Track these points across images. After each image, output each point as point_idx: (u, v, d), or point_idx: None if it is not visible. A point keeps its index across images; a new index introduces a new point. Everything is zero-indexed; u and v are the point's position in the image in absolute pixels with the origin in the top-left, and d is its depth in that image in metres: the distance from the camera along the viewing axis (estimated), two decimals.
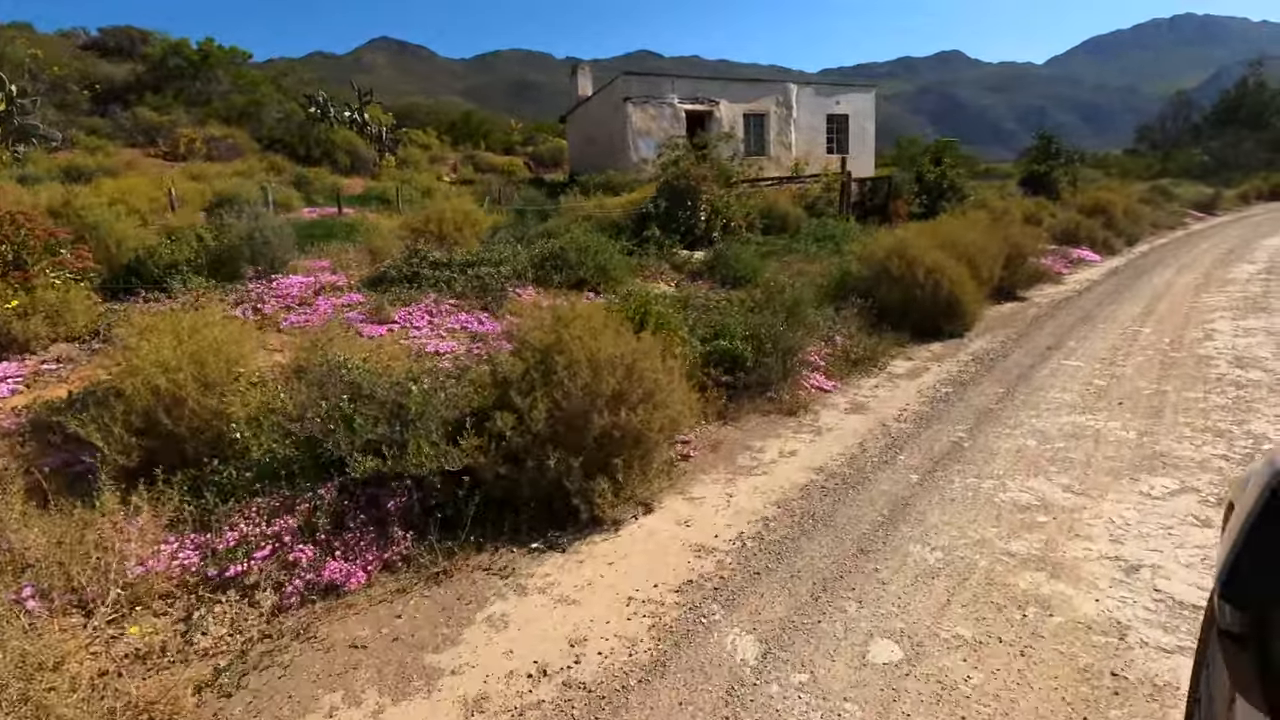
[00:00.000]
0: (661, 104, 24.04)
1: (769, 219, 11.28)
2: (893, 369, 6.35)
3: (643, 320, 5.10)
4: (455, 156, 31.69)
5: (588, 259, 7.52)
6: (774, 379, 5.35)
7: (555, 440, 3.44)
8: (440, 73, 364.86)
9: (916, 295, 7.32)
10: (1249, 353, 6.32)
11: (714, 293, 7.81)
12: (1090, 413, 4.94)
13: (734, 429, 4.85)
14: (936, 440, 4.54)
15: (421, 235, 10.27)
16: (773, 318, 5.77)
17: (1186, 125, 43.11)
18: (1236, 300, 8.79)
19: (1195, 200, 24.00)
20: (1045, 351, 6.75)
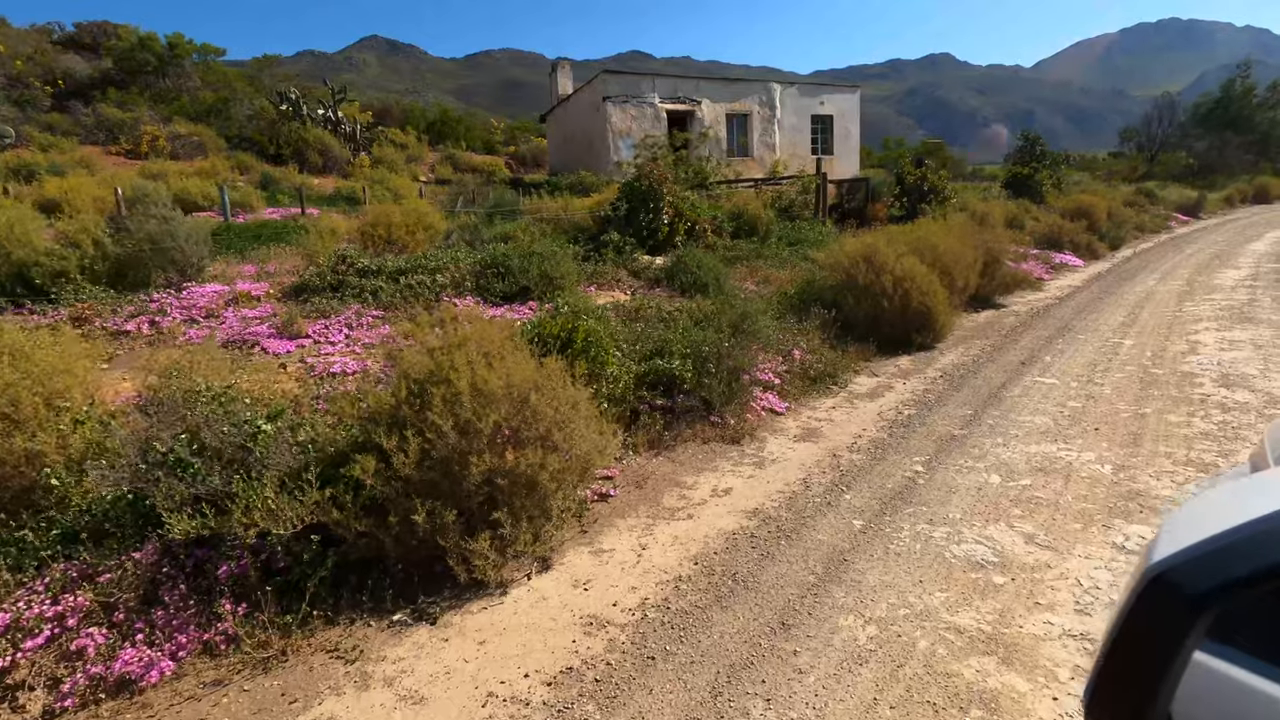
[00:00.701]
0: (642, 103, 23.56)
1: (739, 222, 10.78)
2: (854, 387, 5.86)
3: (569, 338, 4.58)
4: (433, 156, 31.06)
5: (532, 266, 6.99)
6: (717, 402, 4.85)
7: (429, 488, 2.92)
8: (431, 71, 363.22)
9: (884, 306, 6.84)
10: (1235, 369, 5.88)
11: (671, 302, 7.31)
12: (1063, 440, 4.47)
13: (667, 460, 4.34)
14: (890, 475, 4.04)
15: (369, 239, 9.73)
16: (718, 333, 5.27)
17: (1172, 128, 43.00)
18: (1221, 309, 8.38)
19: (1180, 203, 23.73)
20: (1019, 367, 6.29)
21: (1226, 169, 35.22)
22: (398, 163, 26.88)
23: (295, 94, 25.62)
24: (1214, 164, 35.93)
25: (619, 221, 9.15)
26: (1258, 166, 36.19)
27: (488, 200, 17.73)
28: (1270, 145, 38.68)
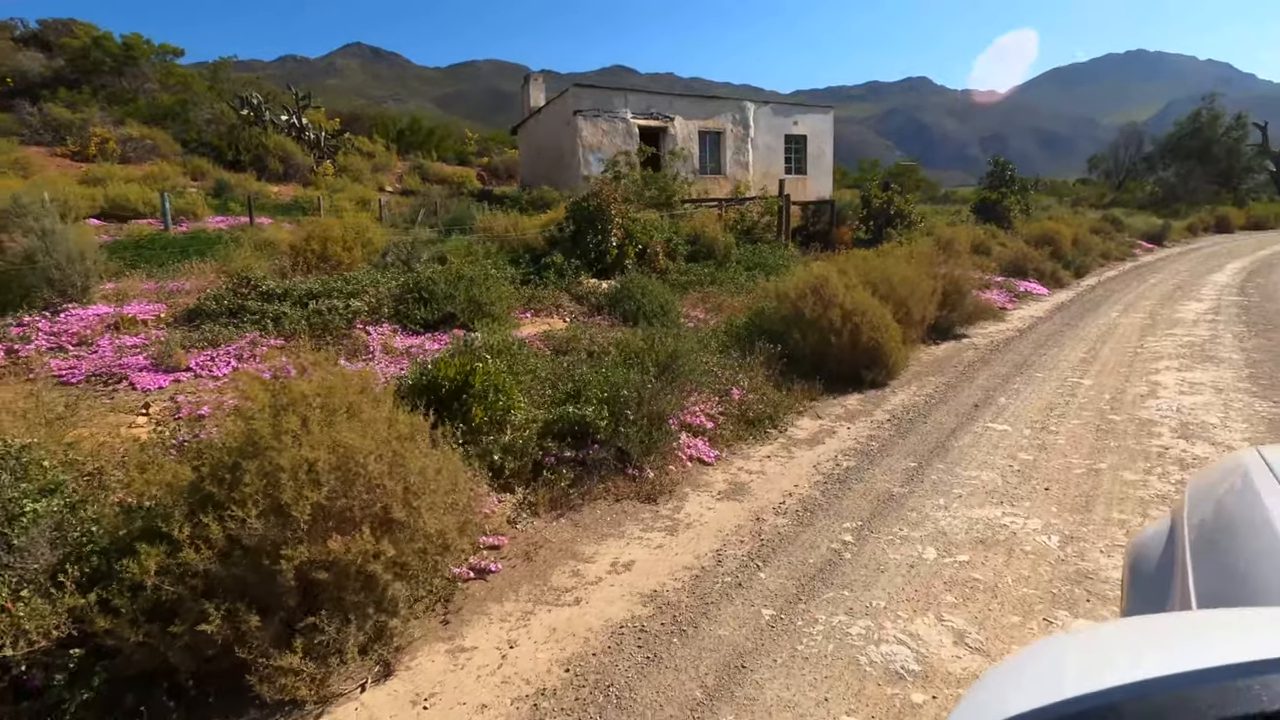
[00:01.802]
0: (614, 118, 23.23)
1: (696, 244, 10.38)
2: (794, 432, 5.43)
3: (466, 381, 4.08)
4: (402, 166, 30.45)
5: (459, 291, 6.48)
6: (635, 453, 4.37)
7: (237, 586, 2.39)
8: (414, 80, 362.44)
9: (832, 341, 6.43)
10: (1195, 417, 5.55)
11: (610, 332, 6.84)
12: (1009, 503, 4.06)
13: (568, 524, 3.84)
14: (815, 546, 3.59)
15: (302, 255, 9.15)
16: (643, 374, 4.81)
17: (1138, 156, 43.86)
18: (1182, 346, 8.13)
19: (1145, 231, 23.94)
20: (972, 410, 5.90)
21: (1190, 198, 35.87)
22: (363, 172, 26.24)
23: (257, 98, 24.91)
24: (1178, 193, 36.59)
25: (564, 243, 8.68)
26: (1219, 196, 36.91)
27: (450, 213, 17.21)
28: (1233, 176, 39.53)
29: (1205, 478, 1.76)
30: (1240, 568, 1.32)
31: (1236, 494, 1.52)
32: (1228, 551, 1.40)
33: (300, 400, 2.73)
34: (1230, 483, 1.59)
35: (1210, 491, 1.64)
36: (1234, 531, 1.43)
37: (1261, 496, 1.42)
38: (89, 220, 13.76)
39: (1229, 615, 1.08)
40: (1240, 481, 1.54)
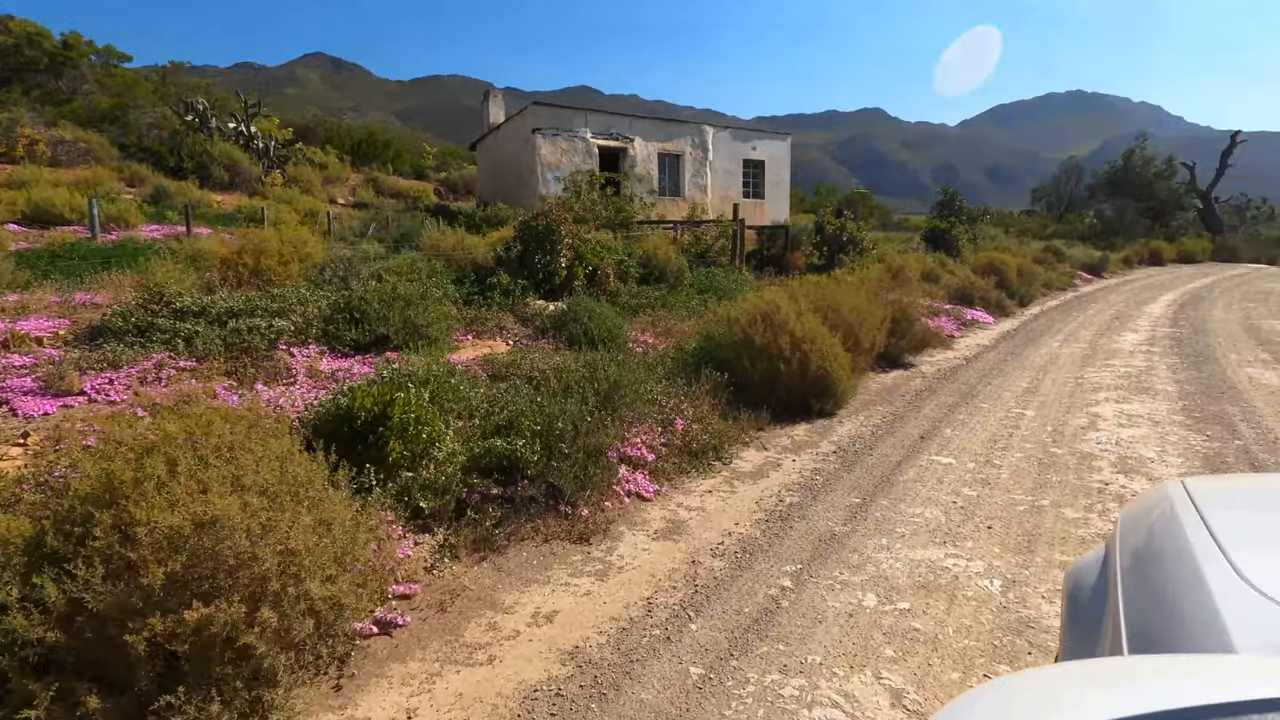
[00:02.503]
0: (573, 138, 23.14)
1: (648, 267, 10.25)
2: (739, 464, 5.26)
3: (384, 412, 3.79)
4: (356, 178, 29.77)
5: (394, 311, 6.17)
6: (569, 489, 4.13)
7: (81, 659, 2.07)
8: (376, 92, 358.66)
9: (781, 369, 6.32)
10: (1133, 451, 5.58)
11: (554, 356, 6.60)
12: (952, 542, 3.95)
13: (490, 568, 3.57)
14: (751, 593, 3.40)
15: (232, 269, 8.69)
16: (581, 404, 4.58)
17: (1078, 190, 45.88)
18: (1120, 377, 8.30)
19: (1085, 262, 24.88)
20: (918, 442, 5.84)
21: (1125, 231, 37.58)
22: (314, 183, 25.51)
23: (203, 104, 24.06)
24: (1115, 226, 38.30)
25: (512, 263, 8.43)
26: (1152, 231, 38.81)
27: (401, 228, 16.79)
28: (1164, 212, 41.64)
29: (1135, 507, 1.80)
30: (1165, 595, 1.36)
31: (1162, 524, 1.57)
32: (1153, 579, 1.44)
33: (165, 442, 2.42)
34: (1157, 513, 1.63)
35: (1139, 521, 1.69)
36: (1159, 560, 1.47)
37: (1184, 527, 1.48)
38: (5, 226, 12.94)
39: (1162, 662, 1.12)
40: (1166, 512, 1.60)
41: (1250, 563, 1.30)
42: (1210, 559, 1.33)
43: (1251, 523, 1.59)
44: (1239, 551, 1.34)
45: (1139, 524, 1.68)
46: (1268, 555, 1.39)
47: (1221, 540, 1.39)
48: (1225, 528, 1.45)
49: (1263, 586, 1.22)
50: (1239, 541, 1.40)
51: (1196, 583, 1.28)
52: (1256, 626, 1.13)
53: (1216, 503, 1.60)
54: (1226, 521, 1.49)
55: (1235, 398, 7.22)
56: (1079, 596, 1.69)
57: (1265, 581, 1.23)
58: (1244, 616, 1.16)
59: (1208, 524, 1.47)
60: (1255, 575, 1.25)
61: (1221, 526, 1.46)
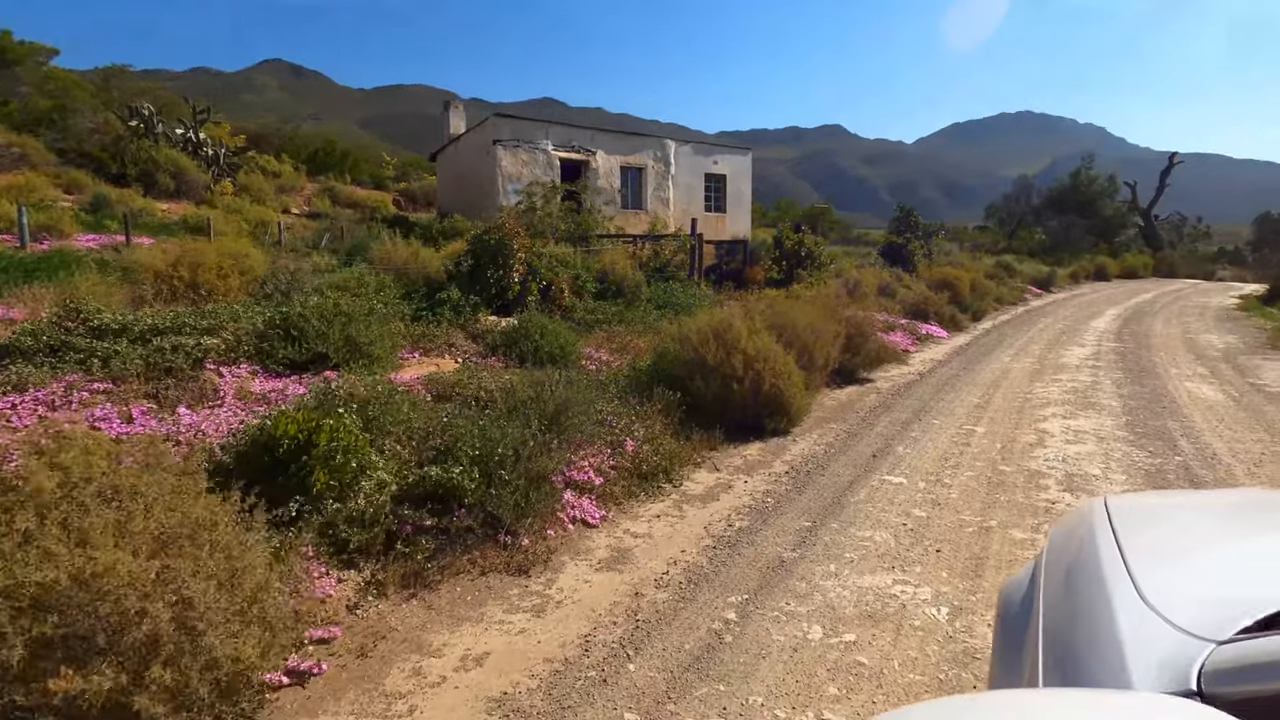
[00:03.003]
0: (535, 149, 22.98)
1: (605, 282, 10.13)
2: (690, 486, 5.14)
3: (309, 440, 3.57)
4: (312, 187, 29.08)
5: (334, 328, 5.91)
6: (508, 518, 3.95)
7: None
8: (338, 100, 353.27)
9: (734, 388, 6.25)
10: (1079, 468, 5.64)
11: (504, 375, 6.40)
12: (901, 568, 3.88)
13: (420, 606, 3.36)
14: (694, 627, 3.26)
15: (166, 282, 8.29)
16: (525, 427, 4.41)
17: (1028, 207, 47.44)
18: (1067, 392, 8.46)
19: (1034, 277, 25.64)
20: (870, 461, 5.81)
21: (1072, 247, 38.94)
22: (267, 192, 24.80)
23: (148, 109, 23.22)
24: (1062, 242, 39.67)
25: (462, 277, 8.22)
26: (1097, 247, 40.30)
27: (354, 239, 16.38)
28: (1108, 229, 43.32)
29: (1062, 524, 1.82)
30: (1076, 614, 1.37)
31: (1080, 541, 1.59)
32: (1069, 595, 1.46)
33: (36, 490, 2.18)
34: (1078, 529, 1.66)
35: (1064, 538, 1.71)
36: (1074, 579, 1.49)
37: (1098, 546, 1.50)
38: None
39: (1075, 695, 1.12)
40: (1085, 531, 1.62)
41: (1151, 582, 1.31)
42: (1117, 578, 1.35)
43: (1160, 542, 1.60)
44: (1143, 571, 1.36)
45: (1063, 540, 1.69)
46: (1168, 574, 1.39)
47: (1129, 560, 1.41)
48: (1134, 547, 1.47)
49: (1159, 606, 1.22)
50: (1145, 561, 1.41)
51: (1103, 602, 1.29)
52: (1149, 647, 1.14)
53: (1131, 522, 1.62)
54: (1137, 541, 1.50)
55: (1175, 412, 7.41)
56: (1008, 615, 1.69)
57: (1162, 601, 1.24)
58: (1139, 637, 1.17)
59: (1119, 543, 1.49)
60: (1154, 595, 1.26)
61: (1131, 546, 1.47)
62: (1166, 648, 1.13)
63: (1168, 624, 1.17)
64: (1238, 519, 1.73)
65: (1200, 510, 1.89)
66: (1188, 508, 1.96)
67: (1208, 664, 1.07)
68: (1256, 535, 1.59)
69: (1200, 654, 1.09)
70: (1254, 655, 1.04)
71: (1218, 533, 1.66)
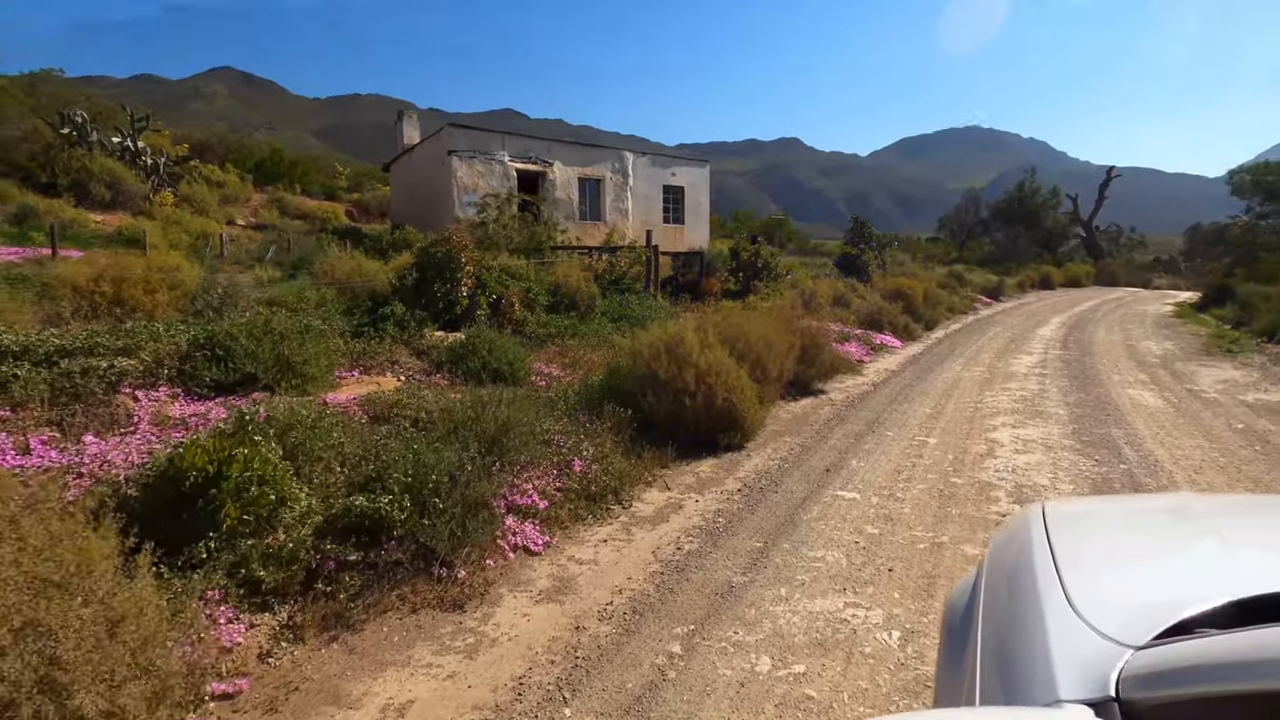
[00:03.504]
0: (491, 160, 22.71)
1: (558, 295, 9.94)
2: (639, 508, 4.97)
3: (218, 473, 3.29)
4: (260, 198, 28.19)
5: (264, 346, 5.58)
6: (443, 548, 3.71)
7: None
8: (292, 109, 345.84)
9: (686, 404, 6.12)
10: (1028, 479, 5.66)
11: (448, 393, 6.15)
12: (853, 589, 3.77)
13: (341, 651, 3.11)
14: (637, 662, 3.09)
15: (87, 299, 7.80)
16: (464, 450, 4.19)
17: (977, 218, 48.92)
18: (1016, 401, 8.58)
19: (984, 286, 26.32)
20: (823, 475, 5.73)
21: (1019, 257, 40.24)
22: (210, 203, 23.92)
23: (82, 116, 22.19)
24: (1009, 252, 40.98)
25: (408, 292, 7.94)
26: (1042, 257, 41.72)
27: (302, 251, 15.86)
28: (1052, 239, 44.92)
29: (1003, 532, 1.82)
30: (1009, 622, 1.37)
31: (1018, 548, 1.60)
32: (1005, 603, 1.45)
33: None
34: (1017, 537, 1.66)
35: (1003, 545, 1.71)
36: (1011, 584, 1.49)
37: (1033, 553, 1.50)
38: None
39: None
40: (1024, 536, 1.63)
41: (1079, 588, 1.32)
42: (1049, 585, 1.35)
43: (1092, 548, 1.61)
44: (1073, 577, 1.36)
45: (1002, 547, 1.70)
46: (1096, 580, 1.40)
47: (1061, 566, 1.41)
48: (1067, 554, 1.47)
49: (1085, 613, 1.23)
50: (1076, 567, 1.42)
51: (1035, 610, 1.30)
52: (1075, 654, 1.14)
53: (1066, 528, 1.63)
54: (1070, 547, 1.51)
55: (1120, 420, 7.55)
56: (952, 624, 1.68)
57: (1089, 608, 1.25)
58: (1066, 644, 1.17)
59: (1053, 550, 1.49)
60: (1081, 601, 1.27)
61: (1064, 552, 1.48)
62: (1090, 655, 1.13)
63: (1093, 631, 1.18)
64: (1166, 524, 1.74)
65: (1132, 516, 1.90)
66: (1121, 513, 1.96)
67: (1125, 670, 1.07)
68: (1181, 539, 1.60)
69: (1119, 660, 1.09)
70: (1167, 661, 1.04)
71: (1146, 538, 1.67)
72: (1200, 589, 1.24)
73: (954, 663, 1.53)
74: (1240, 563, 1.44)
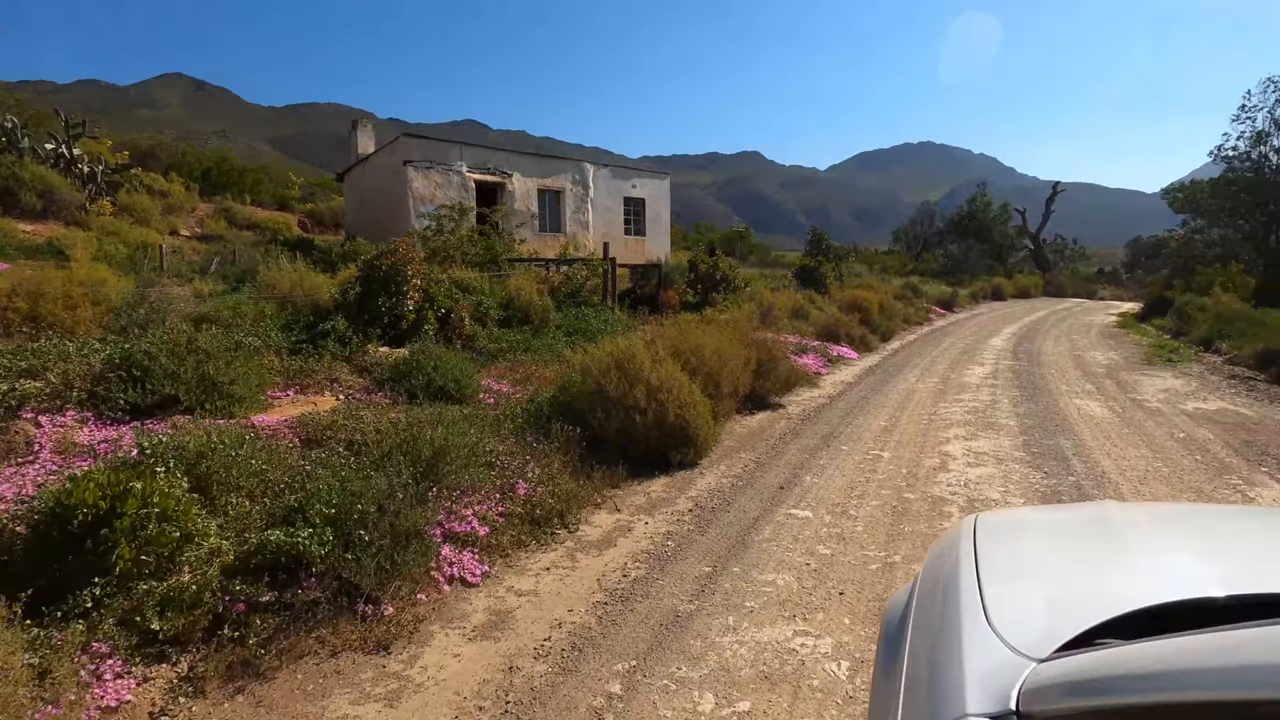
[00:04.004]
0: (448, 171, 22.33)
1: (511, 308, 9.70)
2: (586, 531, 4.78)
3: (111, 510, 2.99)
4: (206, 208, 27.21)
5: (186, 366, 5.24)
6: (369, 584, 3.46)
7: None
8: (246, 118, 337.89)
9: (638, 421, 5.95)
10: (980, 493, 5.64)
11: (389, 413, 5.86)
12: (803, 615, 3.64)
13: (247, 704, 2.84)
14: (573, 705, 2.89)
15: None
16: (392, 477, 3.94)
17: (932, 231, 50.19)
18: (969, 412, 8.65)
19: (938, 298, 26.89)
20: (777, 493, 5.62)
21: (971, 269, 41.35)
22: (152, 213, 22.97)
23: (11, 121, 21.12)
24: (962, 264, 42.07)
25: (350, 306, 7.61)
26: (993, 268, 42.96)
27: (252, 263, 15.29)
28: (1003, 252, 46.32)
29: (940, 541, 1.82)
30: (937, 628, 1.36)
31: (949, 558, 1.60)
32: (932, 613, 1.45)
33: None
34: (950, 548, 1.67)
35: (938, 556, 1.71)
36: (940, 594, 1.48)
37: (961, 562, 1.50)
38: None
39: None
40: (955, 546, 1.63)
41: (996, 600, 1.31)
42: (970, 597, 1.34)
43: (1014, 559, 1.61)
44: (992, 588, 1.36)
45: (936, 561, 1.69)
46: (1012, 591, 1.39)
47: (983, 577, 1.41)
48: (990, 565, 1.47)
49: (998, 624, 1.22)
50: (996, 578, 1.41)
51: (955, 620, 1.29)
52: (985, 666, 1.13)
53: (994, 539, 1.63)
54: (995, 558, 1.51)
55: (1068, 430, 7.65)
56: (888, 634, 1.67)
57: (1002, 619, 1.24)
58: (979, 656, 1.16)
59: (978, 561, 1.49)
60: (996, 613, 1.26)
61: (988, 563, 1.47)
62: (996, 667, 1.12)
63: (1002, 642, 1.17)
64: (1085, 533, 1.72)
65: (1056, 525, 1.90)
66: (1047, 523, 1.97)
67: (1026, 683, 1.05)
68: (1096, 549, 1.59)
69: (1022, 673, 1.08)
70: (1067, 674, 1.03)
71: (1064, 547, 1.67)
72: (1108, 599, 1.23)
73: (887, 674, 1.51)
74: (1152, 571, 1.43)
